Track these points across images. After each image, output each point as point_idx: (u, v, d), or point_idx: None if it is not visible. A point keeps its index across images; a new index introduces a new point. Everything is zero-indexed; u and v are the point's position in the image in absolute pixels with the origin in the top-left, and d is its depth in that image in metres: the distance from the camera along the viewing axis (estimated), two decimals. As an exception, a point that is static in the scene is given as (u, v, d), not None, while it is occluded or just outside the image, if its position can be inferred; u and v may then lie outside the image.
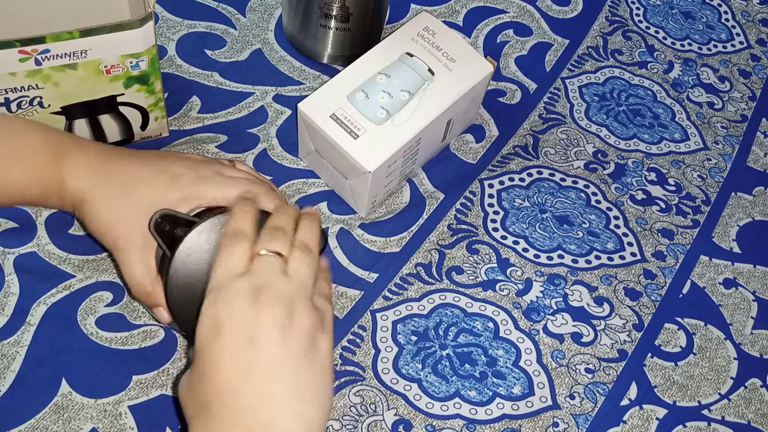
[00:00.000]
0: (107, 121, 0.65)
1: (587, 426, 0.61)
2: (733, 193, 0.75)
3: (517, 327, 0.65)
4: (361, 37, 0.75)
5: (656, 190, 0.74)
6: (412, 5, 0.82)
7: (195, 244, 0.52)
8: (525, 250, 0.69)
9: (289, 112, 0.73)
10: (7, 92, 0.58)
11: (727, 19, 0.87)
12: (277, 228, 0.50)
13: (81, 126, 0.64)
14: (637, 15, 0.86)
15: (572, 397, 0.62)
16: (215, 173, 0.55)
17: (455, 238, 0.69)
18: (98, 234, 0.55)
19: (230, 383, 0.45)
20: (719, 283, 0.70)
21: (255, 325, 0.45)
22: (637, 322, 0.67)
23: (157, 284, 0.54)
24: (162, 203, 0.53)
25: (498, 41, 0.81)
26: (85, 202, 0.54)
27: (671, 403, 0.64)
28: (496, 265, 0.68)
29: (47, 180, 0.53)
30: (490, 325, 0.65)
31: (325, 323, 0.48)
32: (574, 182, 0.73)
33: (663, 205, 0.73)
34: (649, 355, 0.65)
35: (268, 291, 0.46)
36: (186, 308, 0.52)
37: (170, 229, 0.52)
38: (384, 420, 0.60)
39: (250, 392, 0.45)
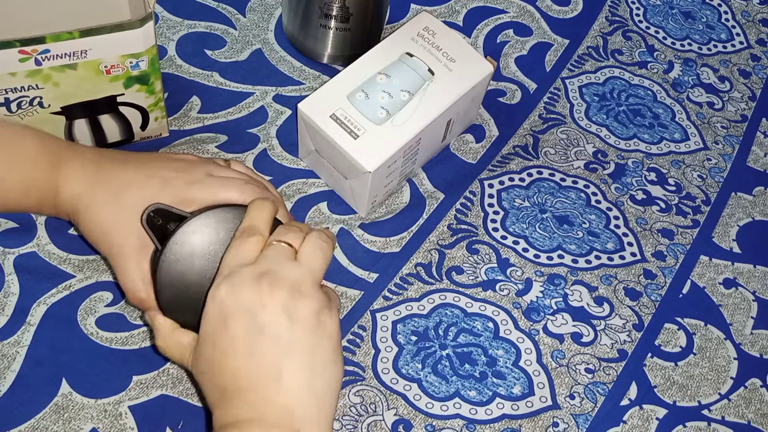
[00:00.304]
0: (107, 121, 0.65)
1: (587, 426, 0.61)
2: (733, 193, 0.75)
3: (517, 327, 0.65)
4: (361, 37, 0.75)
5: (656, 190, 0.74)
6: (412, 5, 0.82)
7: (186, 238, 0.52)
8: (525, 250, 0.69)
9: (289, 112, 0.73)
10: (7, 92, 0.58)
11: (727, 19, 0.87)
12: (292, 225, 0.52)
13: (81, 126, 0.64)
14: (637, 15, 0.86)
15: (572, 397, 0.62)
16: (206, 175, 0.55)
17: (455, 238, 0.69)
18: (94, 242, 0.55)
19: (242, 370, 0.47)
20: (719, 283, 0.70)
21: (261, 312, 0.47)
22: (637, 322, 0.67)
23: (152, 289, 0.54)
24: None
25: (498, 41, 0.81)
26: (78, 210, 0.54)
27: (671, 403, 0.64)
28: (496, 265, 0.68)
29: (43, 188, 0.54)
30: (490, 325, 0.65)
31: (332, 304, 0.50)
32: (574, 182, 0.73)
33: (663, 205, 0.73)
34: (649, 355, 0.65)
35: (272, 276, 0.48)
36: (175, 302, 0.52)
37: (162, 223, 0.52)
38: (384, 420, 0.60)
39: (262, 374, 0.47)
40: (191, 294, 0.52)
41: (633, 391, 0.63)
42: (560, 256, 0.69)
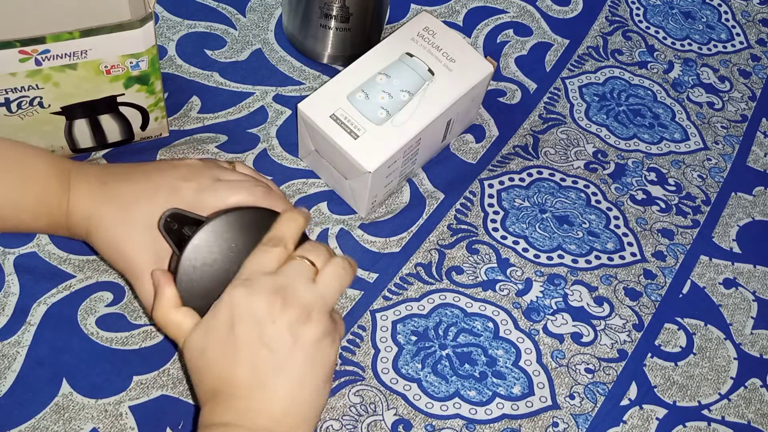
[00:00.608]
0: (107, 121, 0.65)
1: (587, 426, 0.61)
2: (733, 193, 0.75)
3: (517, 327, 0.65)
4: (361, 37, 0.75)
5: (656, 190, 0.74)
6: (412, 5, 0.82)
7: (203, 242, 0.52)
8: (525, 250, 0.69)
9: (289, 112, 0.73)
10: (7, 92, 0.58)
11: (727, 19, 0.88)
12: (319, 245, 0.53)
13: (81, 126, 0.64)
14: (637, 15, 0.86)
15: (572, 397, 0.62)
16: (214, 180, 0.55)
17: (455, 238, 0.69)
18: (109, 260, 0.55)
19: (240, 378, 0.48)
20: (719, 283, 0.70)
21: (270, 327, 0.48)
22: (637, 322, 0.67)
23: None
24: None
25: (498, 41, 0.81)
26: (90, 231, 0.54)
27: (671, 403, 0.64)
28: (496, 265, 0.68)
29: (54, 211, 0.53)
30: (490, 325, 0.65)
31: (336, 333, 0.51)
32: (574, 182, 0.73)
33: (663, 205, 0.73)
34: (649, 355, 0.65)
35: (288, 292, 0.49)
36: (194, 307, 0.52)
37: (178, 228, 0.52)
38: (384, 420, 0.60)
39: (256, 385, 0.48)
40: (210, 298, 0.51)
41: (633, 391, 0.63)
42: (560, 256, 0.69)
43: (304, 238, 0.54)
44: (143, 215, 0.53)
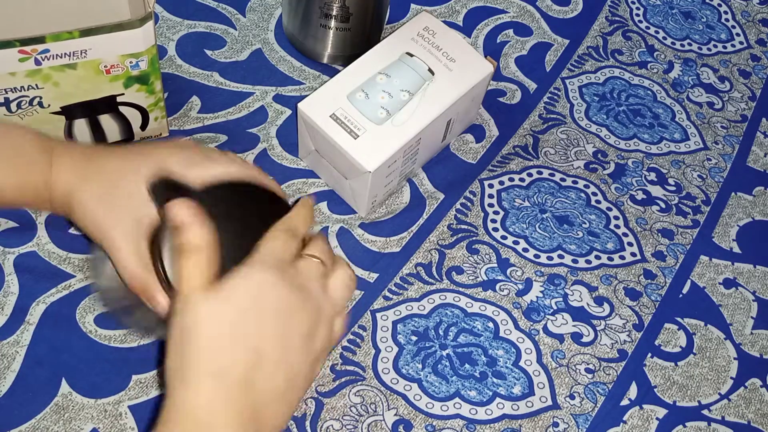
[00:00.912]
0: (107, 121, 0.65)
1: (587, 426, 0.61)
2: (733, 193, 0.75)
3: (517, 327, 0.65)
4: (361, 37, 0.75)
5: (656, 190, 0.74)
6: (412, 5, 0.82)
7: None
8: (525, 250, 0.69)
9: (289, 112, 0.73)
10: (7, 92, 0.58)
11: (727, 19, 0.88)
12: (321, 239, 0.52)
13: (81, 126, 0.64)
14: (637, 15, 0.86)
15: (572, 397, 0.62)
16: (205, 157, 0.54)
17: (455, 238, 0.69)
18: (91, 234, 0.54)
19: (239, 365, 0.46)
20: (719, 283, 0.70)
21: (288, 323, 0.47)
22: (637, 322, 0.67)
23: (151, 274, 0.52)
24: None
25: (498, 41, 0.81)
26: (72, 205, 0.53)
27: (671, 403, 0.64)
28: (496, 265, 0.68)
29: (39, 187, 0.53)
30: (490, 325, 0.65)
31: (326, 351, 0.50)
32: (574, 182, 0.73)
33: (663, 205, 0.73)
34: (649, 355, 0.65)
35: (306, 297, 0.48)
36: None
37: (168, 195, 0.49)
38: (384, 420, 0.60)
39: (251, 376, 0.46)
40: None
41: (633, 391, 0.63)
42: (560, 256, 0.69)
43: (279, 204, 0.53)
44: (127, 189, 0.51)
